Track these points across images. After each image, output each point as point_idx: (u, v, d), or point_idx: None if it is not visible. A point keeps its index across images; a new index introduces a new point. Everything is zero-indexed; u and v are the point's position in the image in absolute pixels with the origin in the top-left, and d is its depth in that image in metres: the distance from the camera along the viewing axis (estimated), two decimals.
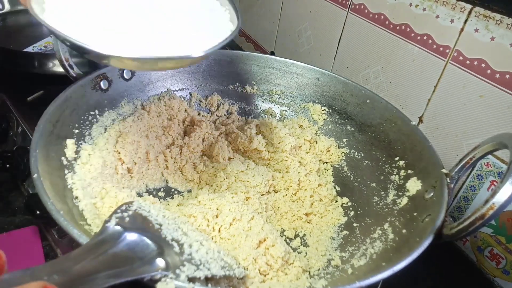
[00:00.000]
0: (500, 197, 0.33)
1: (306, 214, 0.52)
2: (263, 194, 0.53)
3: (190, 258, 0.33)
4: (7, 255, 0.52)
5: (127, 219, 0.33)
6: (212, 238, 0.42)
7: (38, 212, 0.54)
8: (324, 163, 0.61)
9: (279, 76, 0.67)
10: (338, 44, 0.82)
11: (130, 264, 0.29)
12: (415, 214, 0.43)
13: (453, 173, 0.43)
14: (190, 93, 0.65)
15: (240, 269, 0.37)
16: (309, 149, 0.61)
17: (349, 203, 0.55)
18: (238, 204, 0.47)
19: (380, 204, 0.50)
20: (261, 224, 0.44)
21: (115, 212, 0.33)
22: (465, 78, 0.57)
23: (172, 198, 0.52)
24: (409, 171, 0.49)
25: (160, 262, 0.30)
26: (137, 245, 0.31)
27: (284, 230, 0.50)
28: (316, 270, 0.43)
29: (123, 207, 0.34)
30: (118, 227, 0.31)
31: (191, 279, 0.31)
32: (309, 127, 0.64)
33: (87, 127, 0.50)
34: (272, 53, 1.07)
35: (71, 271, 0.25)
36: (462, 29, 0.57)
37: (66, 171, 0.42)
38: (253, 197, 0.50)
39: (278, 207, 0.52)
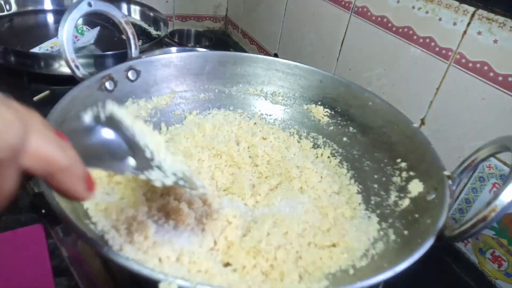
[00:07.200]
0: (503, 199, 0.33)
1: None
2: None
3: (159, 165, 0.32)
4: (12, 253, 0.53)
5: (103, 117, 0.31)
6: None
7: (43, 210, 0.55)
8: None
9: (282, 78, 0.67)
10: (341, 46, 0.82)
11: (100, 157, 0.29)
12: (416, 215, 0.43)
13: (455, 175, 0.43)
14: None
15: (201, 189, 0.37)
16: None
17: None
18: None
19: (382, 205, 0.51)
20: (266, 229, 0.44)
21: (90, 108, 0.32)
22: (468, 80, 0.57)
23: None
24: (411, 173, 0.49)
25: (131, 161, 0.31)
26: (110, 142, 0.30)
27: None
28: None
29: (99, 106, 0.32)
30: (92, 121, 0.30)
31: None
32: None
33: None
34: (276, 55, 1.08)
35: None
36: (465, 32, 0.57)
37: None
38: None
39: None
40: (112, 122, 0.31)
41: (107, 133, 0.30)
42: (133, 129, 0.33)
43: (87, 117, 0.30)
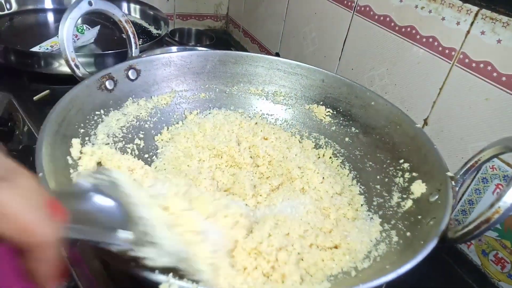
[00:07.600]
0: (506, 201, 0.33)
1: None
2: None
3: (154, 242, 0.30)
4: (10, 253, 0.52)
5: (103, 182, 0.30)
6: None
7: None
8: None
9: (284, 77, 0.67)
10: (343, 45, 0.82)
11: (92, 224, 0.27)
12: (419, 217, 0.43)
13: (458, 176, 0.43)
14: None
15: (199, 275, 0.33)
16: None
17: None
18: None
19: (384, 206, 0.50)
20: (267, 230, 0.44)
21: (92, 173, 0.31)
22: (471, 80, 0.56)
23: None
24: (414, 174, 0.49)
25: (124, 233, 0.28)
26: (103, 210, 0.28)
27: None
28: None
29: (101, 171, 0.32)
30: (88, 185, 0.29)
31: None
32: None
33: (93, 127, 0.50)
34: (277, 55, 1.07)
35: None
36: (468, 32, 0.56)
37: (71, 171, 0.42)
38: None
39: None
40: (109, 188, 0.30)
41: (100, 200, 0.29)
42: (132, 199, 0.31)
43: (85, 181, 0.29)
